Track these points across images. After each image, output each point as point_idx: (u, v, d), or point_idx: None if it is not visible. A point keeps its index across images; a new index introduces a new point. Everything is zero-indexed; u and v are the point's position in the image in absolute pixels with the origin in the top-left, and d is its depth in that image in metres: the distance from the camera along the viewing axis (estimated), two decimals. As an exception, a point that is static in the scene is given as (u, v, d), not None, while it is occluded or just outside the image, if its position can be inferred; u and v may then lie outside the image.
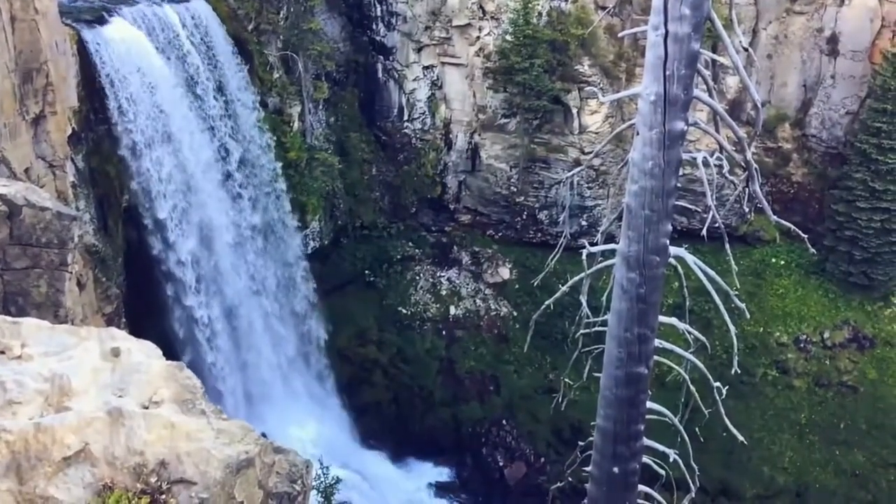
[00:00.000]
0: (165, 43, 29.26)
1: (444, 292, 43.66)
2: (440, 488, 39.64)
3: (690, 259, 13.25)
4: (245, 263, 34.79)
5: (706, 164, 12.96)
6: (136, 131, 27.63)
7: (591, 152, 39.91)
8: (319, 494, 26.34)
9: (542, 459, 39.84)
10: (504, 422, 40.94)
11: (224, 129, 32.65)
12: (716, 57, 12.57)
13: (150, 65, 28.23)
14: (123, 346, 9.23)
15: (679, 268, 13.76)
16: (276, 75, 37.66)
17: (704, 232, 13.90)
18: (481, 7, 41.05)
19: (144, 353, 9.36)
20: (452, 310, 43.21)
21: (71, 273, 16.76)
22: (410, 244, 44.85)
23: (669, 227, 12.55)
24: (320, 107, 41.04)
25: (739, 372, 15.40)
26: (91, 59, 26.14)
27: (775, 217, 13.44)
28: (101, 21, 27.18)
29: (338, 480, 27.69)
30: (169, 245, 29.87)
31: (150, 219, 29.30)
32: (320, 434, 37.51)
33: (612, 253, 13.33)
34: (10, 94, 22.06)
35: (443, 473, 40.18)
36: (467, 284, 44.07)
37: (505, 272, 44.40)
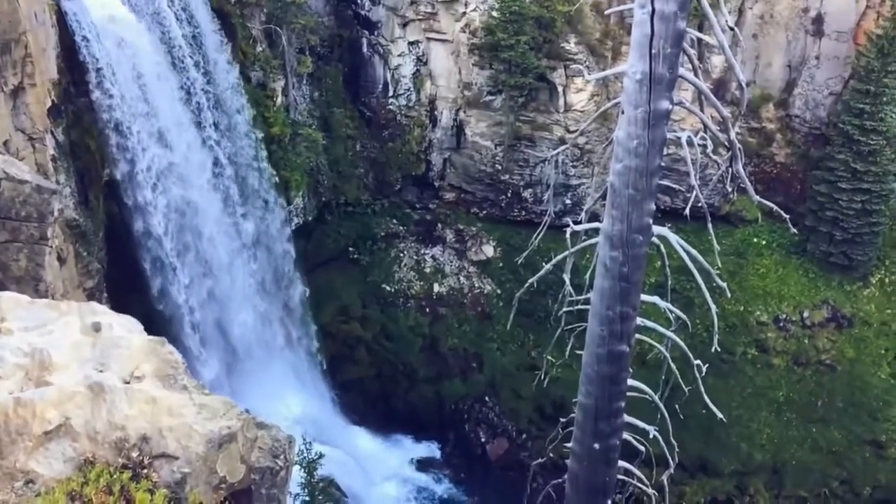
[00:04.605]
0: (146, 13, 28.85)
1: (427, 270, 43.69)
2: (423, 464, 39.95)
3: (673, 238, 13.33)
4: (228, 239, 34.64)
5: (690, 143, 13.01)
6: (116, 104, 27.29)
7: (576, 131, 39.64)
8: (302, 470, 26.47)
9: (524, 436, 40.20)
10: (487, 398, 41.23)
11: (205, 100, 32.33)
12: (701, 36, 12.58)
13: (131, 36, 27.81)
14: (104, 321, 9.17)
15: (662, 247, 13.85)
16: (259, 49, 37.24)
17: (687, 211, 14.00)
18: (467, -18, 40.73)
19: (125, 327, 9.31)
20: (436, 287, 43.28)
21: (51, 247, 16.62)
22: (394, 221, 44.77)
23: (653, 207, 12.62)
24: (304, 81, 40.65)
25: (719, 350, 15.60)
26: (71, 30, 25.71)
27: (758, 197, 13.54)
28: (81, -9, 26.68)
29: (321, 456, 27.83)
30: (148, 219, 29.62)
31: (130, 194, 29.01)
32: (303, 410, 37.61)
33: (596, 231, 13.39)
34: (-12, 66, 21.69)
35: (426, 449, 40.47)
36: (451, 262, 44.11)
37: (489, 250, 44.47)
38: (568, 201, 43.57)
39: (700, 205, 13.38)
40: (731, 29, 12.04)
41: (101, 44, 26.48)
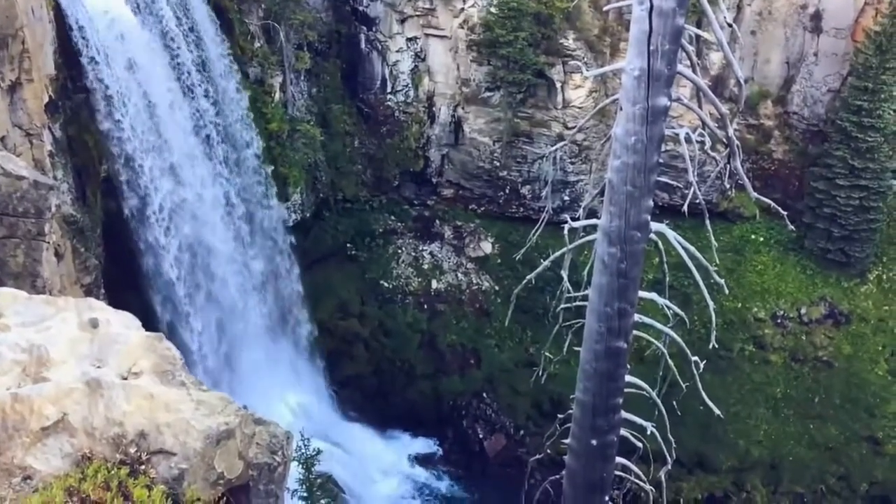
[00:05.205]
0: (144, 8, 28.59)
1: (425, 266, 43.69)
2: (421, 460, 39.99)
3: (671, 235, 13.33)
4: (240, 279, 34.25)
5: (688, 140, 13.01)
6: (127, 137, 26.71)
7: (574, 127, 39.85)
8: (300, 466, 26.47)
9: (522, 432, 40.25)
10: (484, 395, 41.26)
11: (214, 133, 31.67)
12: (700, 32, 12.55)
13: (129, 31, 27.63)
14: (102, 317, 9.15)
15: (660, 243, 13.85)
16: (257, 45, 37.17)
17: (685, 208, 14.02)
18: (466, -22, 40.66)
19: (123, 323, 9.30)
20: (434, 284, 43.28)
21: (48, 243, 16.62)
22: (392, 218, 44.75)
23: (651, 203, 12.62)
24: (302, 78, 40.58)
25: (717, 347, 15.62)
26: (68, 25, 25.59)
27: (755, 194, 13.54)
28: (78, -13, 26.46)
29: (318, 452, 27.80)
30: (160, 262, 28.97)
31: (140, 233, 28.38)
32: (301, 406, 37.63)
33: (594, 228, 13.39)
34: (-15, 61, 21.63)
35: (423, 445, 40.51)
36: (449, 258, 44.11)
37: (487, 246, 44.48)
38: (566, 198, 43.56)
39: (698, 201, 13.41)
40: (730, 25, 12.03)
41: (111, 68, 25.67)
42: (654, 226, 13.01)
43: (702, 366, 14.47)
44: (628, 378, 14.37)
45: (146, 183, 27.50)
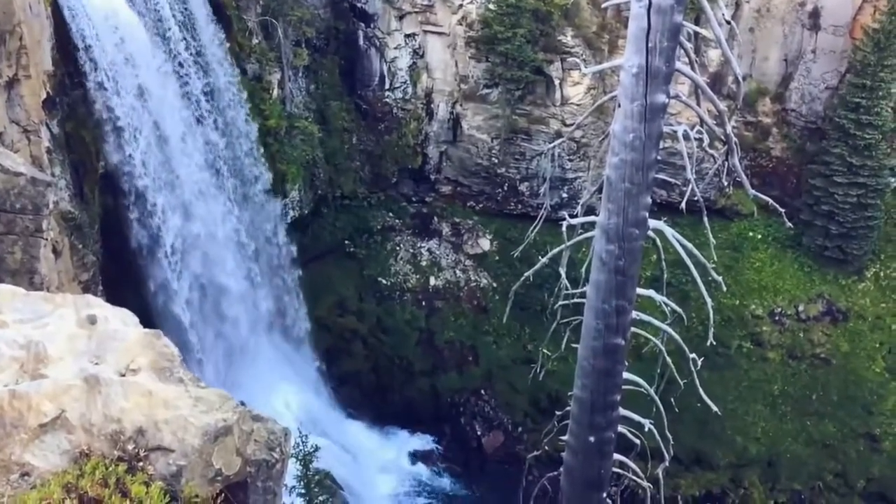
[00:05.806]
0: (151, 27, 28.36)
1: (424, 263, 43.69)
2: (419, 457, 40.04)
3: (669, 232, 13.33)
4: (238, 273, 34.17)
5: (686, 137, 13.01)
6: (139, 173, 26.40)
7: (572, 124, 39.81)
8: (298, 462, 26.49)
9: (520, 429, 40.30)
10: (482, 392, 41.30)
11: (225, 169, 31.28)
12: (698, 29, 12.54)
13: (127, 27, 27.56)
14: (100, 314, 9.14)
15: (658, 240, 13.85)
16: (255, 41, 37.11)
17: (683, 205, 14.00)
18: (464, -25, 40.61)
19: (121, 320, 9.29)
20: (432, 280, 43.29)
21: (46, 240, 16.61)
22: (391, 214, 44.73)
23: (649, 200, 12.61)
24: (300, 74, 40.55)
25: (715, 344, 15.64)
26: (66, 21, 25.53)
27: (753, 191, 13.53)
28: (76, -17, 26.33)
29: (316, 449, 27.84)
30: (159, 258, 28.60)
31: (137, 227, 28.02)
32: (300, 403, 37.65)
33: (592, 225, 13.38)
34: (-17, 57, 21.58)
35: (421, 442, 40.56)
36: (447, 255, 44.11)
37: (485, 243, 44.48)
38: (564, 195, 43.57)
39: (696, 198, 13.40)
40: (728, 23, 12.04)
41: (121, 97, 24.93)
42: (653, 223, 13.01)
43: (699, 363, 14.48)
44: (626, 375, 14.38)
45: (158, 223, 27.01)
